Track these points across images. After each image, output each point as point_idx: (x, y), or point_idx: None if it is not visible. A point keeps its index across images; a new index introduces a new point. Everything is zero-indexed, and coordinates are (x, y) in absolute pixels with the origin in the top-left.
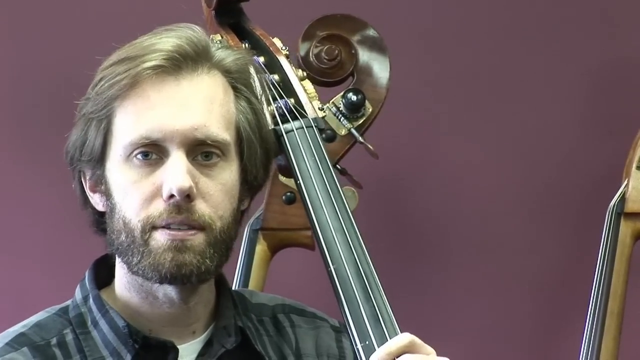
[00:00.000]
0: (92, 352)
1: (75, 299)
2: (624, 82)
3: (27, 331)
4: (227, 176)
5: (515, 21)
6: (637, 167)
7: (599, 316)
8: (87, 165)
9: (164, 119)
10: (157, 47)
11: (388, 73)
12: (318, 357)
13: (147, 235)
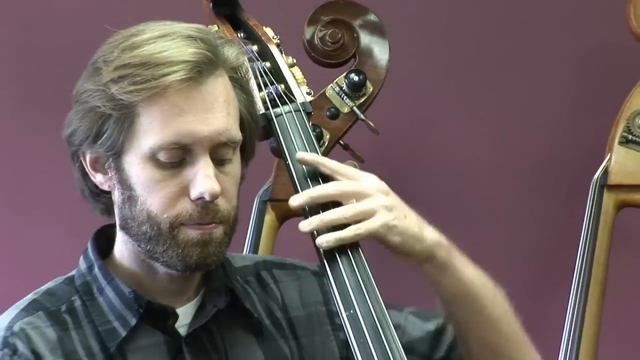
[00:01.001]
0: (99, 317)
1: (80, 269)
2: (608, 66)
3: (39, 298)
4: (236, 168)
5: (507, 9)
6: (619, 142)
7: (583, 282)
8: (98, 152)
9: (192, 125)
10: (180, 58)
11: (387, 55)
12: (304, 308)
13: (175, 230)
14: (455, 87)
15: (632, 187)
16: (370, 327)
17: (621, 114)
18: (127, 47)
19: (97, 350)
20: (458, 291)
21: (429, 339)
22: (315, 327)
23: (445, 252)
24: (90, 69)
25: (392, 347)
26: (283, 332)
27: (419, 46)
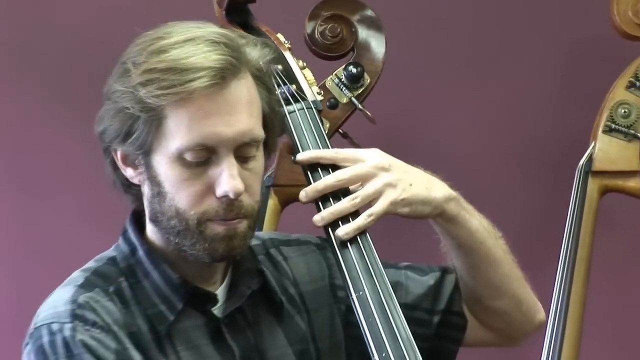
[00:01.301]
0: (145, 300)
1: (122, 251)
2: (592, 59)
3: (91, 277)
4: (260, 163)
5: (497, 5)
6: (603, 131)
7: (569, 262)
8: (128, 150)
9: (217, 127)
10: (204, 64)
11: (384, 48)
12: (312, 283)
13: (202, 226)
14: (447, 78)
15: (615, 173)
16: (378, 306)
17: (605, 104)
18: (155, 51)
19: (145, 330)
20: (466, 239)
21: (431, 294)
22: (323, 301)
23: (454, 205)
24: (120, 69)
25: (399, 325)
26: (298, 308)
27: (414, 41)
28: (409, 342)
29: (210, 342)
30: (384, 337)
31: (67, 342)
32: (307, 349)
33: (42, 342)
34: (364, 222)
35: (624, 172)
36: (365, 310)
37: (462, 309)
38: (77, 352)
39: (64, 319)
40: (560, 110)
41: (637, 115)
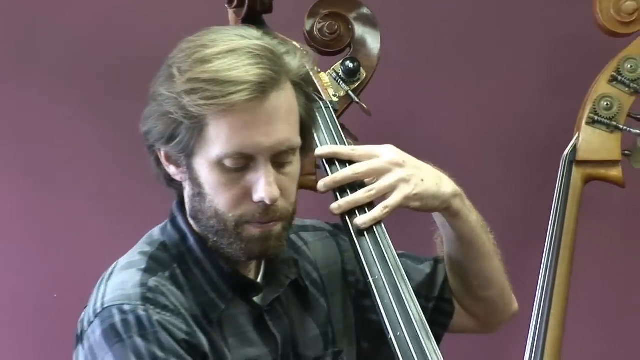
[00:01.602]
0: (196, 287)
1: (172, 237)
2: (577, 54)
3: (150, 261)
4: (296, 167)
5: (487, 2)
6: (587, 122)
7: (554, 247)
8: (171, 151)
9: (255, 137)
10: (245, 78)
11: (379, 44)
12: (328, 267)
13: (239, 228)
14: (438, 73)
15: (597, 162)
16: (393, 289)
17: (588, 97)
18: (199, 60)
19: (199, 314)
20: (466, 232)
21: (427, 282)
22: (337, 285)
23: (459, 200)
24: (166, 72)
25: (412, 307)
26: (321, 291)
27: (407, 38)
28: (421, 323)
29: (254, 329)
30: (399, 317)
31: (141, 320)
32: (327, 331)
33: (114, 321)
34: (380, 213)
35: (607, 162)
36: (381, 292)
37: (451, 296)
38: (151, 329)
39: (135, 301)
40: (546, 103)
41: (618, 107)
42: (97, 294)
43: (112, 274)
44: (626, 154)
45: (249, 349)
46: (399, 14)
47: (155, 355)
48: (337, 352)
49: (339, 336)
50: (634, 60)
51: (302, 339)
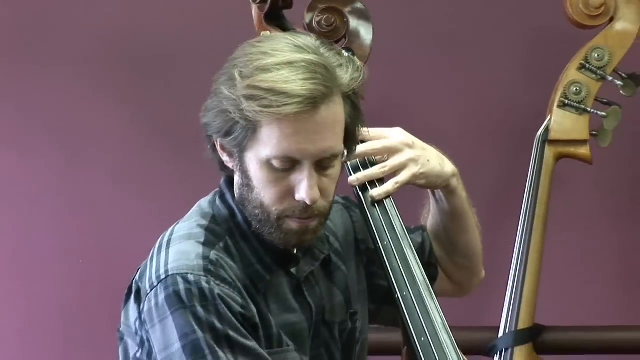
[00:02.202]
0: (244, 259)
1: (221, 212)
2: (549, 44)
3: (207, 234)
4: (337, 170)
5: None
6: (558, 106)
7: (529, 218)
8: (226, 144)
9: (302, 144)
10: (298, 92)
11: (371, 36)
12: (344, 237)
13: (280, 221)
14: (424, 62)
15: (567, 142)
16: (399, 254)
17: (559, 83)
18: (260, 68)
19: (248, 284)
20: (458, 207)
21: (419, 249)
22: (351, 252)
23: (456, 180)
24: (228, 72)
25: (416, 269)
26: (342, 258)
27: (397, 29)
28: (425, 284)
29: (293, 297)
30: (405, 279)
31: (204, 292)
32: (348, 294)
33: (178, 289)
34: (392, 188)
35: (576, 141)
36: (389, 257)
37: (436, 262)
38: (212, 302)
39: (198, 272)
40: (521, 89)
41: (586, 92)
42: (158, 260)
43: (172, 242)
44: (594, 134)
45: (288, 315)
46: (390, 8)
47: (214, 325)
48: (353, 313)
49: (354, 299)
50: (601, 50)
51: (329, 307)
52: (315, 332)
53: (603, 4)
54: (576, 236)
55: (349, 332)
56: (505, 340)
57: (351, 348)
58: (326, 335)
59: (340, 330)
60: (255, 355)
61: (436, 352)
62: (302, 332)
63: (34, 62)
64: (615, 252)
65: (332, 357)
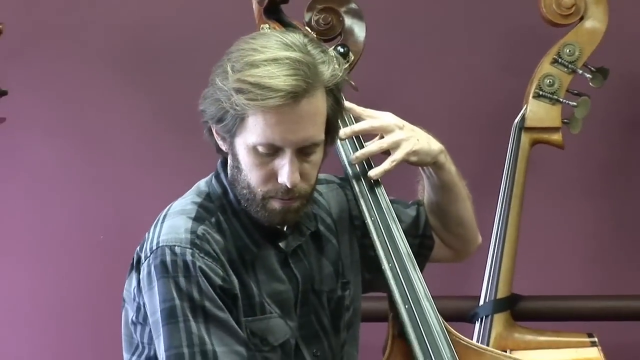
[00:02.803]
0: (234, 233)
1: (215, 190)
2: (526, 40)
3: (200, 209)
4: (318, 156)
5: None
6: (533, 96)
7: (507, 197)
8: (220, 129)
9: (284, 133)
10: (280, 87)
11: (364, 33)
12: (339, 213)
13: (265, 200)
14: (412, 56)
15: (542, 129)
16: (386, 228)
17: (534, 75)
18: (249, 63)
19: (235, 257)
20: (447, 181)
21: (414, 223)
22: (345, 227)
23: (444, 156)
24: (223, 65)
25: (400, 243)
26: (333, 232)
27: (388, 27)
28: (409, 256)
29: (280, 268)
30: (390, 251)
31: (187, 264)
32: (338, 266)
33: (165, 259)
34: (390, 166)
35: (549, 128)
36: (376, 231)
37: (432, 233)
38: (194, 274)
39: (184, 245)
40: (500, 81)
41: (559, 84)
42: (153, 233)
43: (167, 217)
44: (565, 122)
45: (276, 284)
46: (380, 8)
47: (192, 295)
48: (345, 282)
49: (347, 269)
50: (572, 46)
51: (319, 277)
52: (303, 300)
53: (574, 4)
54: (549, 213)
55: (337, 299)
56: (485, 308)
57: (339, 314)
58: (315, 303)
59: (328, 298)
60: (227, 327)
61: (418, 318)
62: (288, 301)
63: (62, 58)
64: (584, 228)
65: (321, 322)
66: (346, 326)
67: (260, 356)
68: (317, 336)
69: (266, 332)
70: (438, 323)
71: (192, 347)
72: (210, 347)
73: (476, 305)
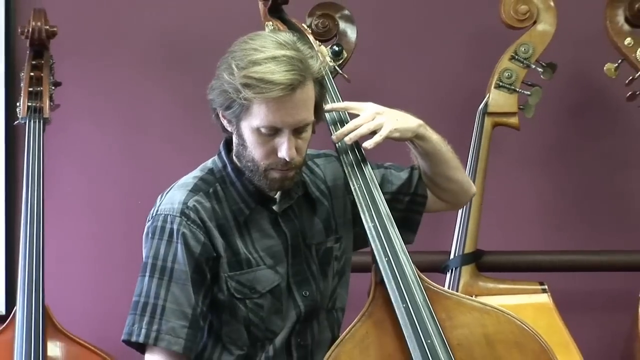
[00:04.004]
0: (230, 199)
1: (217, 165)
2: (490, 40)
3: (198, 182)
4: (309, 133)
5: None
6: (494, 87)
7: (472, 171)
8: (226, 112)
9: (284, 117)
10: (281, 81)
11: (355, 34)
12: (334, 181)
13: (266, 172)
14: (395, 54)
15: (502, 113)
16: (368, 193)
17: (495, 69)
18: (252, 62)
19: (231, 219)
20: (430, 148)
21: (407, 183)
22: (340, 192)
23: (423, 128)
24: (227, 62)
25: (381, 205)
26: (326, 197)
27: (374, 30)
28: (388, 216)
29: (271, 227)
30: (372, 211)
31: (172, 232)
32: (329, 223)
33: (157, 224)
34: (380, 138)
35: (508, 113)
36: (361, 195)
37: (425, 191)
38: (175, 240)
39: (175, 214)
40: (467, 74)
41: (516, 77)
42: (157, 203)
43: (170, 190)
44: (521, 108)
45: (267, 240)
46: (369, 15)
47: (166, 258)
48: (338, 237)
49: (340, 227)
50: (527, 45)
51: (310, 233)
52: (294, 252)
53: (528, 11)
54: (508, 183)
55: (325, 250)
56: (455, 261)
57: (327, 263)
58: (306, 254)
59: (317, 250)
60: (185, 291)
61: (396, 268)
62: (279, 253)
63: (106, 55)
64: (537, 195)
65: (310, 269)
66: (337, 273)
67: (250, 302)
68: (307, 280)
69: (254, 282)
70: (412, 272)
71: (147, 298)
72: (162, 302)
73: (447, 258)
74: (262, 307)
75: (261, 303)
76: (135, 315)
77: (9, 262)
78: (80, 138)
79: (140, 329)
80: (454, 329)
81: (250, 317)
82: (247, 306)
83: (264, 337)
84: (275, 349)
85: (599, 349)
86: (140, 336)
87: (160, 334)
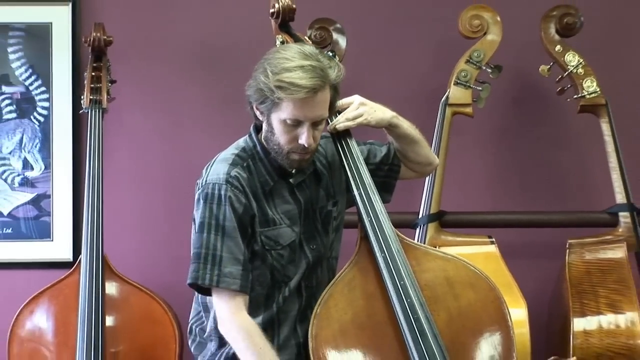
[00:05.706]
0: (259, 173)
1: (248, 144)
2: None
3: (235, 157)
4: (323, 125)
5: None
6: (454, 83)
7: (436, 150)
8: (259, 106)
9: (307, 113)
10: (306, 85)
11: (345, 43)
12: (332, 157)
13: (289, 154)
14: (376, 58)
15: (459, 104)
16: (354, 166)
17: (455, 70)
18: (284, 68)
19: (259, 187)
20: (401, 133)
21: (386, 155)
22: (335, 166)
23: (395, 119)
24: (263, 67)
25: (365, 175)
26: (327, 169)
27: (360, 39)
28: (372, 186)
29: (289, 195)
30: (358, 181)
31: (220, 196)
32: (329, 190)
33: (207, 191)
34: (352, 123)
35: (464, 104)
36: (350, 170)
37: (399, 162)
38: (223, 203)
39: (222, 182)
40: (433, 73)
41: (470, 76)
42: (206, 173)
43: (215, 162)
44: (474, 100)
45: (286, 205)
46: (357, 28)
47: (218, 217)
48: (335, 201)
49: (337, 193)
50: (479, 51)
51: (315, 200)
52: (305, 215)
53: (480, 24)
54: (465, 158)
55: (326, 212)
56: (423, 220)
57: (328, 222)
58: (314, 216)
59: (320, 212)
60: (236, 242)
61: (377, 226)
62: (295, 215)
63: (153, 58)
64: (488, 167)
65: (316, 228)
66: (334, 230)
67: (275, 253)
68: (314, 236)
69: (277, 237)
70: (390, 229)
71: (208, 250)
72: (219, 252)
73: (416, 217)
74: (282, 256)
75: (282, 253)
76: (199, 263)
77: (76, 221)
78: (131, 124)
79: (205, 274)
80: (422, 272)
81: (274, 264)
82: (272, 255)
83: (281, 280)
84: (290, 290)
85: (535, 289)
86: (206, 280)
87: (221, 277)
